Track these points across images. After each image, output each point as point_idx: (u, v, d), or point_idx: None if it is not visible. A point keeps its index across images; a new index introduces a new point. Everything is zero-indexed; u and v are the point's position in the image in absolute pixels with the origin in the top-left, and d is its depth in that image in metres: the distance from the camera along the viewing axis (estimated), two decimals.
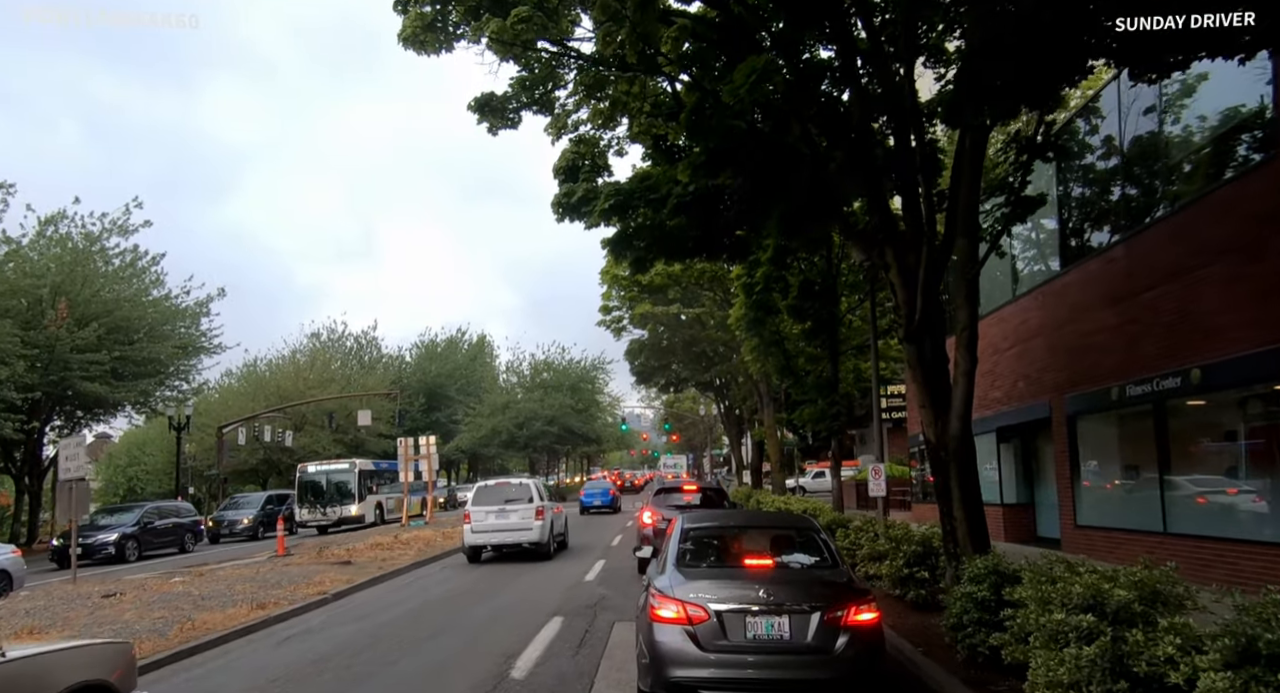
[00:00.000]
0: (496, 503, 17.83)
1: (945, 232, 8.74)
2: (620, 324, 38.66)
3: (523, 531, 17.63)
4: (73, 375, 28.05)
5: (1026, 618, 5.62)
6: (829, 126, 9.75)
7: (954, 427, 8.47)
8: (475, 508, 17.88)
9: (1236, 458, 10.48)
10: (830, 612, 5.84)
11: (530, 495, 18.01)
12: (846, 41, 9.20)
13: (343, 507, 32.35)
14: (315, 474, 33.18)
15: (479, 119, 10.77)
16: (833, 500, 19.62)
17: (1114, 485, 13.48)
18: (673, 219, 11.74)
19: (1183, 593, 5.10)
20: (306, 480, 33.03)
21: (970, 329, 8.40)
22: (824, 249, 17.41)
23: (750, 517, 9.16)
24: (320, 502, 32.31)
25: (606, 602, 11.70)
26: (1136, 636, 4.56)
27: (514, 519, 17.67)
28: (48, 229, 30.31)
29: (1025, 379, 16.09)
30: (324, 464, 34.44)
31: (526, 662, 8.19)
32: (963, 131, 8.20)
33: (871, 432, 41.66)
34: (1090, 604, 5.03)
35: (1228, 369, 10.08)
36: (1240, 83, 9.67)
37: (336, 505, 32.22)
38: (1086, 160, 13.74)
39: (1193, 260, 10.61)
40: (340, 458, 37.64)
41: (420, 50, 9.43)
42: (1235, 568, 10.04)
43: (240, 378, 50.85)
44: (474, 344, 69.36)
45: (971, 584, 6.93)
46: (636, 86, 11.07)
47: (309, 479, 33.04)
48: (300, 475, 33.47)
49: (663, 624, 5.95)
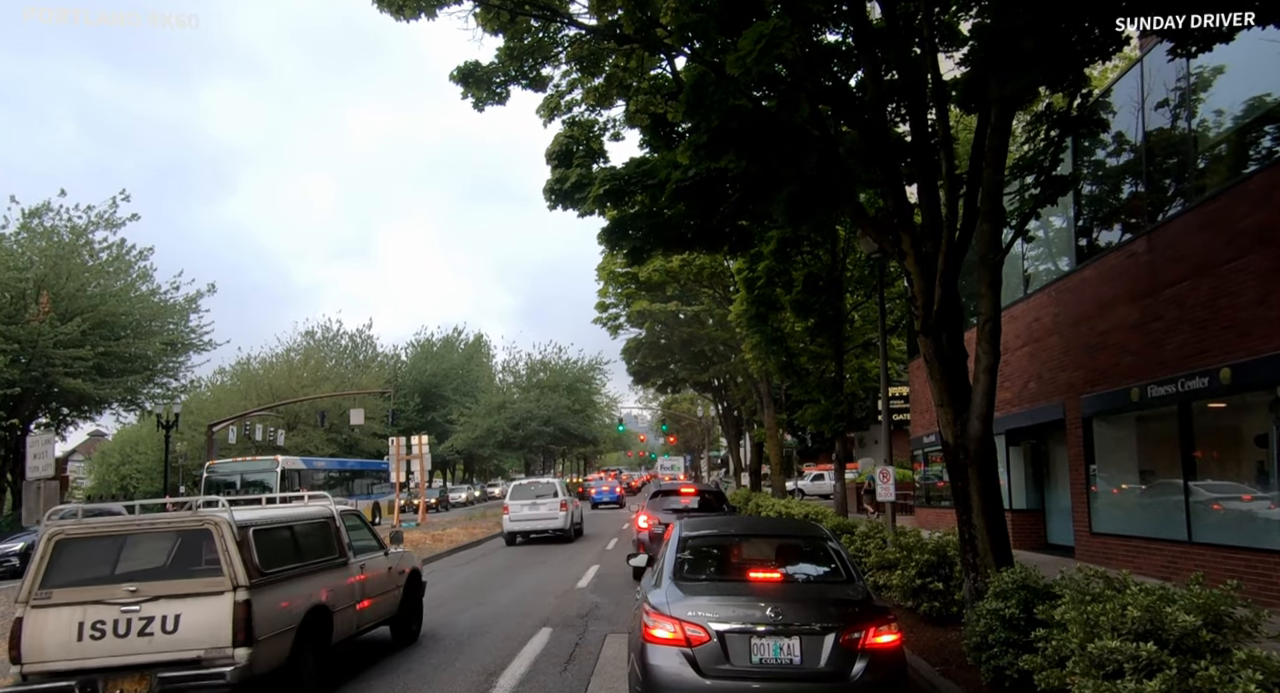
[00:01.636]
0: (529, 498, 22.06)
1: (965, 216, 8.12)
2: (617, 322, 38.02)
3: (550, 519, 21.71)
4: (55, 371, 27.39)
5: (1065, 641, 4.99)
6: (841, 106, 9.11)
7: (974, 427, 7.83)
8: (512, 502, 22.01)
9: (1269, 463, 9.85)
10: (846, 633, 5.21)
11: (556, 491, 22.24)
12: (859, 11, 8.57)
13: None
14: (228, 474, 27.69)
15: (463, 92, 10.10)
16: (836, 505, 18.98)
17: (1133, 491, 12.87)
18: (671, 206, 11.11)
19: (1251, 617, 4.47)
20: (217, 482, 27.27)
21: (994, 320, 7.76)
22: (829, 242, 16.80)
23: (754, 524, 8.52)
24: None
25: (599, 611, 11.07)
26: (1209, 670, 3.92)
27: (543, 510, 21.78)
28: (32, 221, 29.65)
29: (1037, 379, 15.48)
30: (240, 462, 28.97)
31: (510, 679, 7.55)
32: (987, 107, 7.56)
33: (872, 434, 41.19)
34: (1148, 630, 4.39)
35: (1262, 368, 9.45)
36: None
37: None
38: (1109, 149, 13.12)
39: (1225, 252, 9.98)
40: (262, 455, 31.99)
41: (398, 14, 8.77)
42: (1268, 581, 9.43)
43: (233, 376, 50.24)
44: (470, 344, 68.76)
45: (997, 600, 6.32)
46: (634, 62, 10.45)
47: (220, 480, 27.39)
48: (208, 476, 27.57)
49: (657, 645, 5.31)
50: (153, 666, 5.99)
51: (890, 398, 29.20)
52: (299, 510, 7.99)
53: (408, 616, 9.39)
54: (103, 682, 5.94)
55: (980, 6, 9.01)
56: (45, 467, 14.34)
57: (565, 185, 11.81)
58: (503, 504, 22.89)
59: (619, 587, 13.20)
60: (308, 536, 7.60)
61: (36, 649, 6.03)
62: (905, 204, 8.62)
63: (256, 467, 27.95)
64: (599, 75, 10.69)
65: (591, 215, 12.31)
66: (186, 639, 6.07)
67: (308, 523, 7.75)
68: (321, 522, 7.99)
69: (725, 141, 8.98)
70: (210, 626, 6.09)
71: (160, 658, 6.02)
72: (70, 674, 5.98)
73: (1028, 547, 15.87)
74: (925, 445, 21.66)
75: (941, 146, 8.15)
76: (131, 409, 35.50)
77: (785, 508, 18.76)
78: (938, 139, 8.32)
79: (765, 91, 9.45)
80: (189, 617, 6.10)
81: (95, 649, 6.02)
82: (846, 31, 10.23)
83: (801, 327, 18.80)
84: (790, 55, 8.14)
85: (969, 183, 8.02)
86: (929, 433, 20.14)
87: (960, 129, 17.11)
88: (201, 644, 6.07)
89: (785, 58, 8.15)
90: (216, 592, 6.15)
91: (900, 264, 8.87)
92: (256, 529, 6.73)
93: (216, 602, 6.13)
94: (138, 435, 56.15)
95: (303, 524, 7.64)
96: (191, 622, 6.09)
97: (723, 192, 10.97)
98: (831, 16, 9.58)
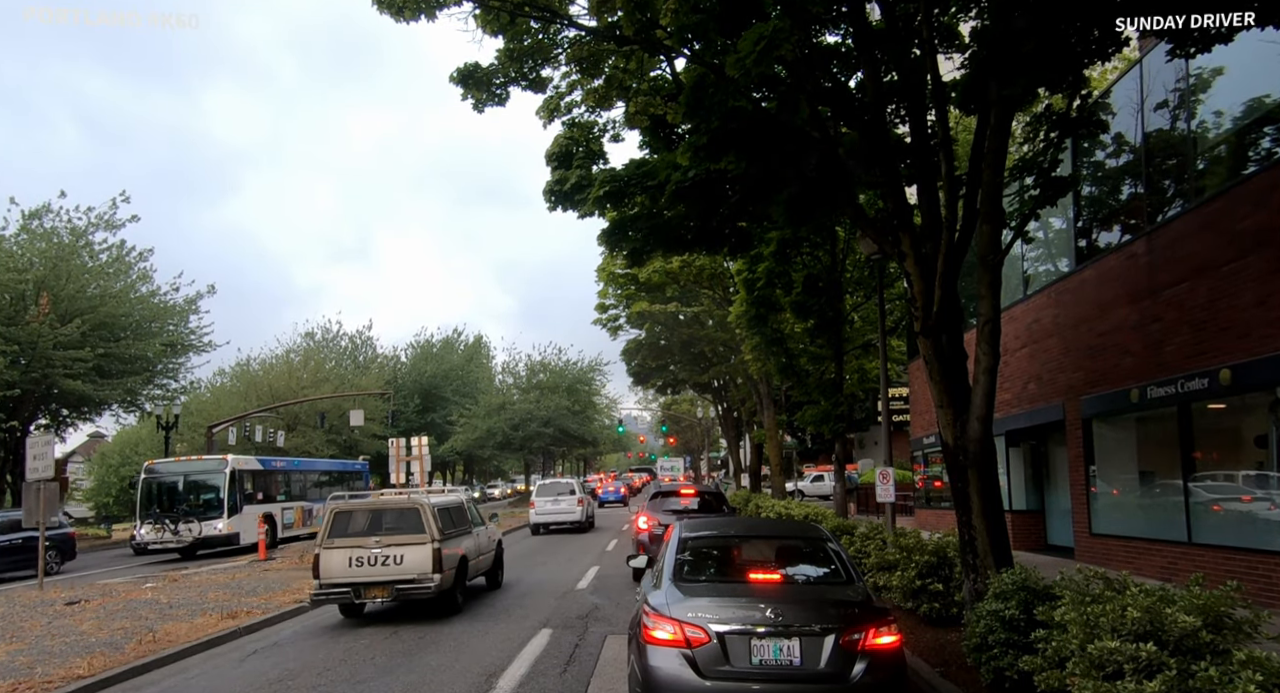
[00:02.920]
0: (552, 495, 26.96)
1: (964, 217, 8.11)
2: (617, 323, 38.00)
3: (569, 513, 26.43)
4: (55, 373, 27.37)
5: (1064, 641, 4.99)
6: (841, 107, 9.10)
7: (974, 428, 7.82)
8: (538, 499, 27.04)
9: (1269, 464, 9.84)
10: (846, 634, 5.20)
11: (573, 490, 27.24)
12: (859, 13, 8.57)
13: (205, 522, 22.74)
14: (168, 475, 23.73)
15: (463, 94, 10.07)
16: (836, 506, 18.97)
17: (1133, 492, 12.85)
18: (671, 208, 11.09)
19: (1251, 618, 4.47)
20: (155, 484, 23.45)
21: (993, 322, 7.76)
22: (829, 243, 16.79)
23: (754, 525, 8.50)
24: (172, 515, 22.78)
25: (599, 613, 11.05)
26: (1209, 671, 3.92)
27: (564, 506, 26.47)
28: (32, 222, 29.64)
29: (1037, 380, 15.47)
30: (183, 461, 25.09)
31: (509, 681, 7.54)
32: (986, 108, 7.56)
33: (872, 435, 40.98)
34: (1148, 631, 4.39)
35: (1261, 369, 9.44)
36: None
37: (195, 520, 22.71)
38: (1109, 150, 13.12)
39: (1225, 254, 9.97)
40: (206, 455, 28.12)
41: (398, 16, 8.76)
42: (1269, 582, 9.42)
43: (233, 377, 50.17)
44: (470, 345, 68.60)
45: (997, 601, 6.31)
46: (634, 63, 10.43)
47: (159, 480, 23.47)
48: (146, 476, 23.69)
49: (657, 647, 5.30)
50: (390, 582, 10.54)
51: (890, 399, 29.20)
52: (452, 498, 12.75)
53: (495, 570, 13.99)
54: (363, 589, 10.56)
55: (980, 8, 9.01)
56: (45, 468, 14.34)
57: (565, 187, 11.80)
58: (529, 501, 27.81)
59: (619, 588, 13.19)
60: (458, 513, 12.28)
61: (327, 572, 10.61)
62: (905, 205, 8.61)
63: (202, 467, 24.30)
64: (599, 77, 10.67)
65: (591, 217, 12.31)
66: (407, 568, 10.57)
67: (457, 506, 12.44)
68: (461, 505, 12.76)
69: (725, 143, 8.97)
70: (420, 561, 10.60)
71: (394, 578, 10.54)
72: (345, 586, 10.53)
73: (1028, 548, 15.85)
74: (925, 446, 21.65)
75: (941, 148, 8.14)
76: (131, 411, 35.47)
77: (785, 509, 18.75)
78: (937, 140, 8.31)
79: (765, 93, 9.44)
80: (408, 556, 10.62)
81: (358, 573, 10.58)
82: (846, 33, 10.22)
83: (801, 328, 18.80)
84: (790, 57, 8.13)
85: (969, 184, 8.02)
86: (929, 434, 20.13)
87: (960, 130, 17.12)
88: (415, 572, 10.58)
89: (785, 59, 8.14)
90: (422, 543, 10.66)
91: (900, 265, 8.86)
92: (439, 508, 11.36)
93: (423, 548, 10.64)
94: (137, 437, 55.99)
95: (455, 506, 12.31)
96: (409, 559, 10.61)
97: (722, 193, 10.96)
98: (831, 18, 9.57)
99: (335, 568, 10.55)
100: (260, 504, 25.08)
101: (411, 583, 10.44)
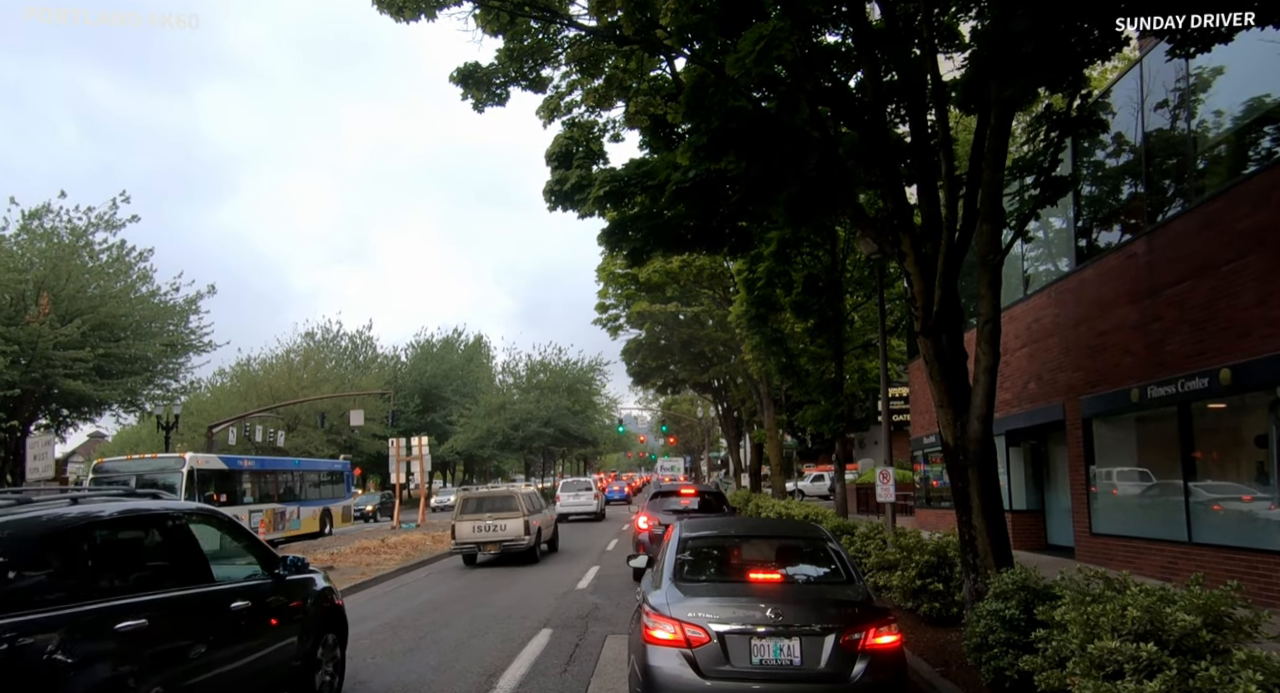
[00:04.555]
0: (574, 491, 34.07)
1: (964, 217, 8.11)
2: (617, 323, 38.00)
3: (587, 506, 33.20)
4: (55, 373, 27.35)
5: (1065, 641, 4.99)
6: (841, 107, 9.10)
7: (974, 428, 7.82)
8: (563, 494, 33.96)
9: (1269, 464, 9.84)
10: (846, 634, 5.20)
11: (590, 487, 34.92)
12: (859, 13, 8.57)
13: None
14: (119, 475, 22.07)
15: (463, 94, 10.08)
16: (837, 506, 18.96)
17: (1133, 492, 12.86)
18: (671, 207, 11.09)
19: (1251, 617, 4.47)
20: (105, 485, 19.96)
21: (993, 321, 7.75)
22: (829, 243, 16.79)
23: (755, 525, 8.50)
24: None
25: (599, 612, 11.05)
26: (1209, 671, 3.92)
27: (583, 499, 33.44)
28: (32, 223, 29.62)
29: (1037, 380, 15.47)
30: (135, 460, 23.46)
31: (510, 681, 7.55)
32: (986, 108, 7.56)
33: (872, 435, 40.87)
34: (1148, 630, 4.39)
35: (1261, 368, 9.45)
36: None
37: None
38: (1109, 149, 13.12)
39: (1225, 253, 9.98)
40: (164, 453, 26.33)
41: (397, 16, 8.77)
42: (1269, 582, 9.42)
43: (233, 377, 50.19)
44: (470, 345, 68.66)
45: (998, 601, 6.31)
46: (634, 63, 10.43)
47: (109, 481, 21.66)
48: (94, 477, 22.38)
49: (657, 646, 5.30)
50: (499, 542, 16.80)
51: (890, 399, 29.22)
52: (530, 490, 19.88)
53: (554, 538, 20.00)
54: (482, 547, 16.99)
55: (980, 8, 9.01)
56: (45, 468, 14.35)
57: (565, 186, 11.80)
58: (556, 495, 34.41)
59: (619, 588, 13.19)
60: (535, 499, 18.96)
61: (460, 536, 16.98)
62: (905, 205, 8.61)
63: (158, 466, 22.86)
64: (599, 76, 10.67)
65: (591, 217, 12.31)
66: (509, 533, 16.77)
67: (534, 495, 19.18)
68: (535, 494, 19.53)
69: (725, 143, 8.97)
70: (517, 528, 16.79)
71: (501, 539, 16.80)
72: (470, 543, 16.93)
73: (1028, 548, 15.85)
74: (925, 446, 21.65)
75: (941, 147, 8.14)
76: (131, 411, 35.43)
77: (785, 509, 18.74)
78: (937, 140, 8.31)
79: (765, 93, 9.44)
80: (509, 525, 16.77)
81: (479, 536, 16.88)
82: (846, 33, 10.22)
83: (801, 328, 18.80)
84: (790, 56, 8.13)
85: (969, 184, 8.02)
86: (929, 434, 20.13)
87: (960, 130, 17.12)
88: (514, 536, 16.78)
89: (785, 59, 8.13)
90: (518, 516, 16.87)
91: (900, 265, 8.86)
92: (525, 495, 17.94)
93: (518, 520, 16.83)
94: (138, 437, 56.06)
95: (533, 495, 19.06)
96: (510, 527, 16.77)
97: (722, 193, 10.97)
98: (831, 18, 9.57)
99: (464, 533, 16.82)
100: (224, 507, 22.26)
101: (512, 541, 16.60)
